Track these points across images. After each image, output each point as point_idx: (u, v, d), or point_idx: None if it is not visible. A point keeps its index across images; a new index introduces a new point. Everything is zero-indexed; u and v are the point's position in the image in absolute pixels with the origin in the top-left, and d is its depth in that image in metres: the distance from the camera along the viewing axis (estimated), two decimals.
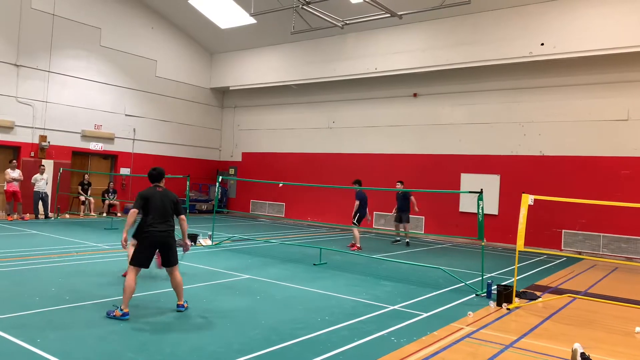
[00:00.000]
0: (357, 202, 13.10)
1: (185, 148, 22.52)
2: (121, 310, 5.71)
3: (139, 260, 6.05)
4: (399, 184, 14.70)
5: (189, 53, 22.46)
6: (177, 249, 6.35)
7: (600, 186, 14.20)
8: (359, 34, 18.39)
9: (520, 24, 15.00)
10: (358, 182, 13.35)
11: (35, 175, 16.02)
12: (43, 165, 16.41)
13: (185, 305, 6.30)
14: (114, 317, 5.66)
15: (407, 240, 14.75)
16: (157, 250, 6.20)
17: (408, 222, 14.64)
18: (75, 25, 18.22)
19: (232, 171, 23.37)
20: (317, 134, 20.70)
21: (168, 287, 7.34)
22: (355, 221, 13.09)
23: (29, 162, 16.82)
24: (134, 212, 6.10)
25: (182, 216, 6.43)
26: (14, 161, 15.71)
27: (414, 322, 6.20)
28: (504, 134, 16.11)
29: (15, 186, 15.31)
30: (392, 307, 6.90)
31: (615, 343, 5.84)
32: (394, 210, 14.94)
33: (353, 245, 13.04)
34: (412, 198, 14.55)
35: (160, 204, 6.19)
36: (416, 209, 14.58)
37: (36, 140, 17.27)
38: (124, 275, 7.15)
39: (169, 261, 6.21)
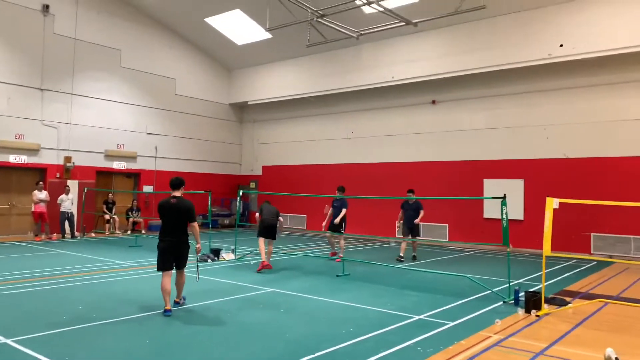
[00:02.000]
0: (345, 210, 12.54)
1: (206, 164, 22.75)
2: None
3: (159, 265, 6.92)
4: (409, 193, 12.87)
5: (207, 70, 22.79)
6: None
7: (628, 187, 13.84)
8: (374, 44, 18.41)
9: (538, 26, 14.84)
10: (342, 190, 12.91)
11: (61, 196, 16.35)
12: (68, 186, 16.75)
13: (181, 302, 7.17)
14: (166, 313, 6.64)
15: (414, 253, 12.92)
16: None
17: (419, 235, 13.31)
18: (96, 47, 18.67)
19: (252, 185, 23.50)
20: (336, 144, 20.72)
21: (198, 301, 7.38)
22: (343, 230, 12.59)
23: (54, 183, 17.19)
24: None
25: (193, 223, 7.04)
26: (41, 183, 16.07)
27: (441, 332, 6.09)
28: (525, 138, 15.88)
29: (42, 207, 15.65)
30: (417, 317, 6.80)
31: None
32: (399, 222, 12.97)
33: (335, 253, 12.74)
34: (422, 212, 12.54)
35: (169, 216, 6.92)
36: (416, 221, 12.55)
37: (61, 162, 17.66)
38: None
39: (178, 265, 7.02)
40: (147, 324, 6.23)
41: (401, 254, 12.63)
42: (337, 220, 12.42)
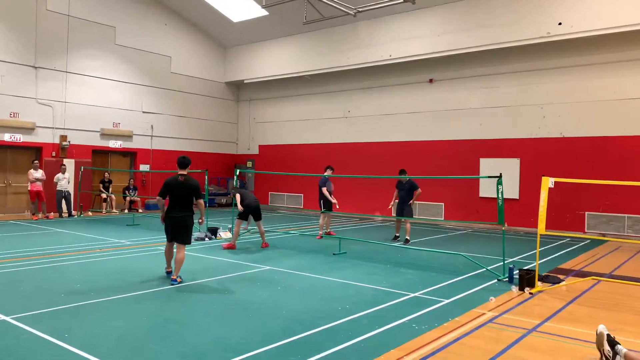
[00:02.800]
0: (324, 189, 12.56)
1: (202, 143, 22.69)
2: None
3: (167, 236, 7.65)
4: (402, 172, 12.40)
5: (203, 48, 22.55)
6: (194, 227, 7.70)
7: (623, 166, 13.90)
8: (371, 22, 18.22)
9: (537, 4, 14.69)
10: (328, 168, 13.03)
11: (57, 175, 16.33)
12: (64, 165, 16.71)
13: (179, 279, 7.28)
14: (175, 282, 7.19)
15: (407, 237, 12.05)
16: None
17: (412, 216, 12.65)
18: (90, 24, 18.42)
19: (249, 164, 23.49)
20: (333, 124, 20.65)
21: (196, 279, 7.45)
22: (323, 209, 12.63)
23: (50, 162, 17.14)
24: (159, 200, 7.57)
25: (200, 200, 7.69)
26: (36, 162, 16.02)
27: (435, 309, 6.17)
28: (523, 117, 15.86)
29: (38, 186, 15.63)
30: (412, 295, 6.88)
31: None
32: (392, 203, 12.74)
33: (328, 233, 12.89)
34: (419, 190, 12.23)
35: (177, 193, 7.46)
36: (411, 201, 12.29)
37: (57, 140, 17.57)
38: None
39: (181, 239, 7.47)
40: (144, 302, 6.30)
41: (396, 234, 12.67)
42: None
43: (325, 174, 12.94)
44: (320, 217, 12.90)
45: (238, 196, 10.76)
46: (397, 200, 12.60)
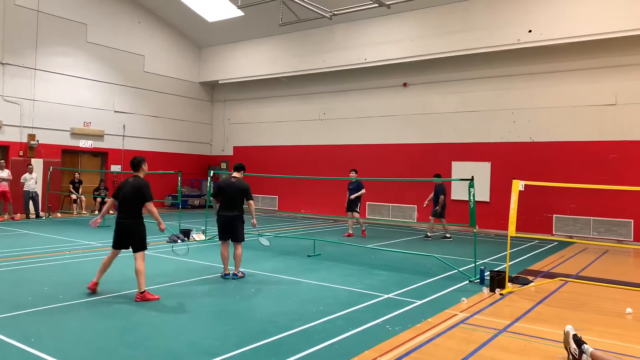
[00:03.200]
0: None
1: (176, 143, 22.42)
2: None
3: (219, 236, 7.94)
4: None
5: (177, 47, 22.29)
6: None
7: (589, 170, 14.32)
8: (347, 25, 18.32)
9: (508, 11, 15.03)
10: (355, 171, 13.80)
11: (24, 175, 15.89)
12: (31, 165, 16.28)
13: (239, 274, 7.82)
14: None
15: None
16: None
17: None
18: (60, 21, 18.01)
19: (223, 165, 23.31)
20: (309, 126, 20.67)
21: (168, 282, 7.35)
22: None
23: (18, 161, 16.67)
24: (213, 200, 8.21)
25: (250, 201, 7.93)
26: (2, 161, 15.56)
27: (408, 310, 6.24)
28: (494, 121, 16.18)
29: (4, 186, 15.19)
30: (386, 296, 6.95)
31: (607, 324, 5.92)
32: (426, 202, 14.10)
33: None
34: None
35: (229, 193, 7.81)
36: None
37: (24, 139, 17.12)
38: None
39: (235, 238, 7.83)
40: (115, 305, 6.19)
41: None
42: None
43: (354, 176, 13.57)
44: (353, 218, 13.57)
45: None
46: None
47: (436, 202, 13.50)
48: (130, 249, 6.63)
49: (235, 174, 8.03)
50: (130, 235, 6.62)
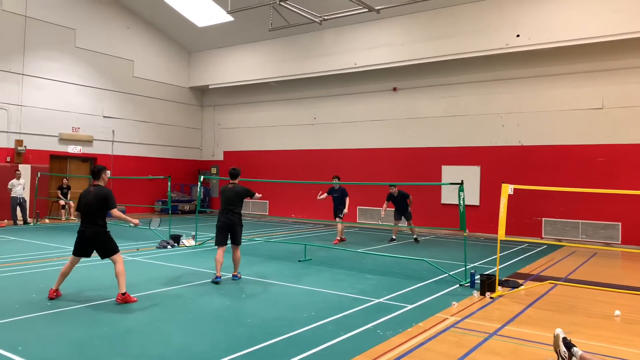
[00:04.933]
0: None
1: (165, 148, 22.31)
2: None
3: (216, 240, 8.11)
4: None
5: (166, 52, 22.23)
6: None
7: (577, 174, 14.45)
8: (337, 30, 18.39)
9: (497, 16, 15.17)
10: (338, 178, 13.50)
11: (11, 181, 15.72)
12: (19, 171, 16.11)
13: (238, 275, 8.16)
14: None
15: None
16: None
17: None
18: (48, 26, 17.89)
19: (214, 170, 23.23)
20: (299, 130, 20.68)
21: (157, 287, 7.31)
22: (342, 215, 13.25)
23: (5, 167, 16.49)
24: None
25: (256, 194, 8.33)
26: None
27: (399, 314, 6.24)
28: (483, 126, 16.29)
29: None
30: (377, 300, 6.94)
31: (596, 327, 5.96)
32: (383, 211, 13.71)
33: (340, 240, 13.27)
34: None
35: (228, 197, 8.12)
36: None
37: (12, 145, 16.94)
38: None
39: (234, 240, 8.11)
40: (104, 312, 6.12)
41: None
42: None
43: (336, 182, 13.31)
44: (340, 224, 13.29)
45: None
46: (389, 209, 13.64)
47: (405, 206, 13.51)
48: (97, 256, 6.74)
49: (232, 181, 8.35)
50: (93, 244, 6.65)
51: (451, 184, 9.43)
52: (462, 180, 8.60)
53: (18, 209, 15.93)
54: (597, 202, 14.07)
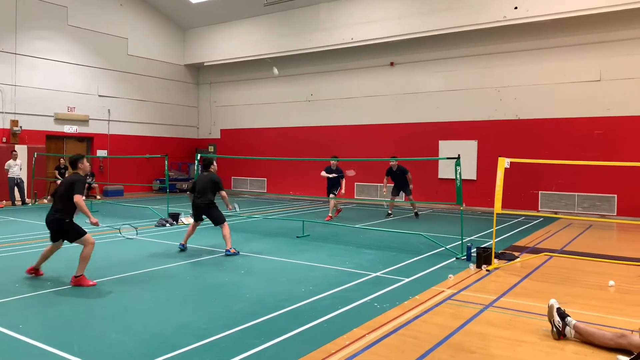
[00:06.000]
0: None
1: (162, 127, 22.21)
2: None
3: (193, 216, 8.81)
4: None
5: (161, 29, 21.94)
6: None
7: (574, 147, 14.46)
8: (333, 4, 18.14)
9: None
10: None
11: (8, 162, 15.68)
12: (15, 151, 16.06)
13: (232, 250, 8.31)
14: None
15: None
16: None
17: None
18: (39, 4, 17.61)
19: (211, 149, 23.18)
20: (296, 107, 20.57)
21: (156, 265, 7.36)
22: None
23: (1, 148, 16.43)
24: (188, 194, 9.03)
25: (222, 192, 8.59)
26: None
27: (396, 288, 6.32)
28: (480, 100, 16.22)
29: None
30: (374, 274, 7.02)
31: (590, 297, 6.05)
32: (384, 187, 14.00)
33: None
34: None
35: (199, 186, 8.56)
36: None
37: (7, 126, 16.86)
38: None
39: (214, 222, 8.56)
40: (103, 290, 6.18)
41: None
42: None
43: (335, 164, 13.25)
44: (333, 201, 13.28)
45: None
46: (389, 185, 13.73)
47: (404, 182, 13.48)
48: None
49: (207, 169, 8.82)
50: (59, 230, 6.59)
51: (448, 158, 9.44)
52: (458, 155, 8.60)
53: (16, 189, 15.93)
54: (593, 174, 14.10)
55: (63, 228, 6.60)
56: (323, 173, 13.32)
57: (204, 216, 8.71)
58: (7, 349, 4.29)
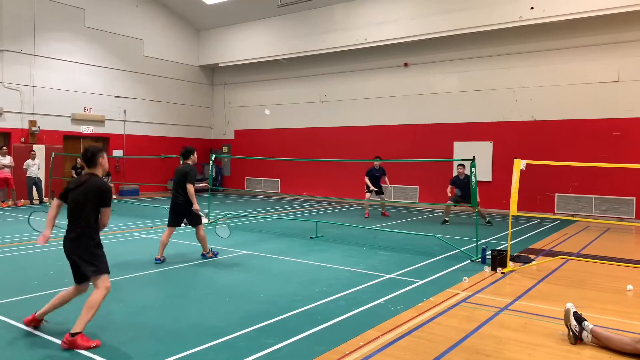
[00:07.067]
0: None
1: (176, 128, 22.38)
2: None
3: (168, 220, 8.01)
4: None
5: (176, 30, 22.12)
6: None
7: (592, 149, 14.26)
8: (347, 5, 18.13)
9: None
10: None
11: (27, 161, 15.93)
12: (34, 151, 16.30)
13: (209, 254, 8.01)
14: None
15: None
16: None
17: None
18: (57, 6, 17.86)
19: (225, 149, 23.29)
20: (309, 108, 20.59)
21: (169, 264, 7.42)
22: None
23: (20, 147, 16.70)
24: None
25: (188, 185, 7.73)
26: (4, 147, 15.59)
27: (410, 290, 6.29)
28: (495, 101, 16.08)
29: (6, 172, 15.24)
30: (388, 276, 6.99)
31: (607, 301, 5.96)
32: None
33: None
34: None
35: (177, 178, 7.87)
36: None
37: (26, 126, 17.12)
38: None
39: (189, 223, 7.98)
40: (120, 288, 6.24)
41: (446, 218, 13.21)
42: None
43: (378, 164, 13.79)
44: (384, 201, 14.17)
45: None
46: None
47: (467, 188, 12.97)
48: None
49: (185, 160, 8.05)
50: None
51: (463, 159, 9.38)
52: (473, 156, 8.55)
53: (34, 188, 16.17)
54: (611, 177, 13.90)
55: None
56: (367, 180, 13.67)
57: (184, 220, 7.94)
58: (26, 346, 4.37)
